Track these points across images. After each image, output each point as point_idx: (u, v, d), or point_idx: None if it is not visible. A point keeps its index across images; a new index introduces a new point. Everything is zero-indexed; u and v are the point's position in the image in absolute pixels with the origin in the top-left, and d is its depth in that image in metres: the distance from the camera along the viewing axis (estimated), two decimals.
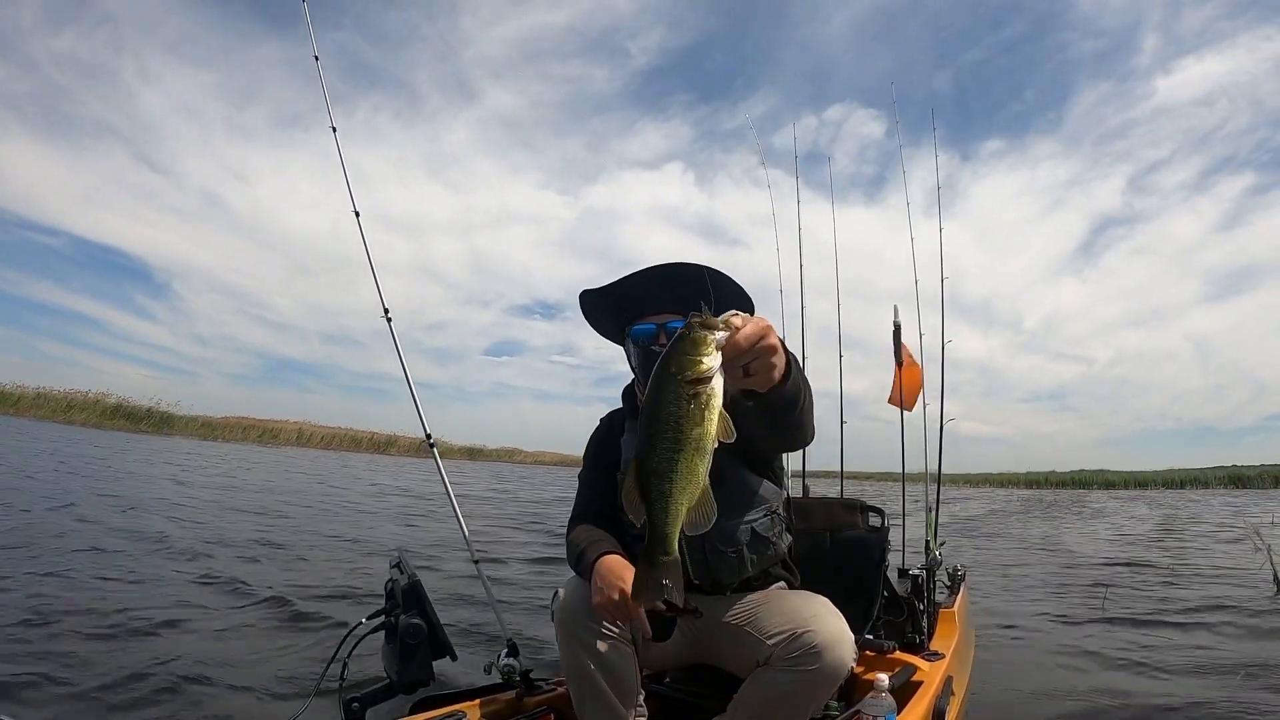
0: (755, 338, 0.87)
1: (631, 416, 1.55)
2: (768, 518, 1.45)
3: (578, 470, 1.63)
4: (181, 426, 29.87)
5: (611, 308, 1.55)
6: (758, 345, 0.88)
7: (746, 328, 0.87)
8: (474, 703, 1.52)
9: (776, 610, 1.34)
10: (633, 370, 1.57)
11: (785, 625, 1.28)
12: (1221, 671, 3.04)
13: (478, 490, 15.80)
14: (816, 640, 1.22)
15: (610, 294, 1.52)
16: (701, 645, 1.46)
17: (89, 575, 4.19)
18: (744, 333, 0.86)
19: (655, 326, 1.47)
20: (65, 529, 5.66)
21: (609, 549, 1.33)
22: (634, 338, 1.51)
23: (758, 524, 1.43)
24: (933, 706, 1.58)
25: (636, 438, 0.87)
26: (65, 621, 3.25)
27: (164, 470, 13.34)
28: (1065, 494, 27.67)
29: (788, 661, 1.24)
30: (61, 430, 20.80)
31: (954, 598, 2.40)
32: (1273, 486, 27.78)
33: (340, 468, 20.82)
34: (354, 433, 37.22)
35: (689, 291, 1.30)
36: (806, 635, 1.23)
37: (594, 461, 1.59)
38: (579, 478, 1.61)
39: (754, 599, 1.41)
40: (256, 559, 5.29)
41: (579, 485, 1.60)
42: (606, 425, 1.62)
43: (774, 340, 0.91)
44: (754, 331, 0.87)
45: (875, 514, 2.06)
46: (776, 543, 1.46)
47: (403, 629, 1.35)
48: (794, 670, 1.24)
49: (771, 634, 1.28)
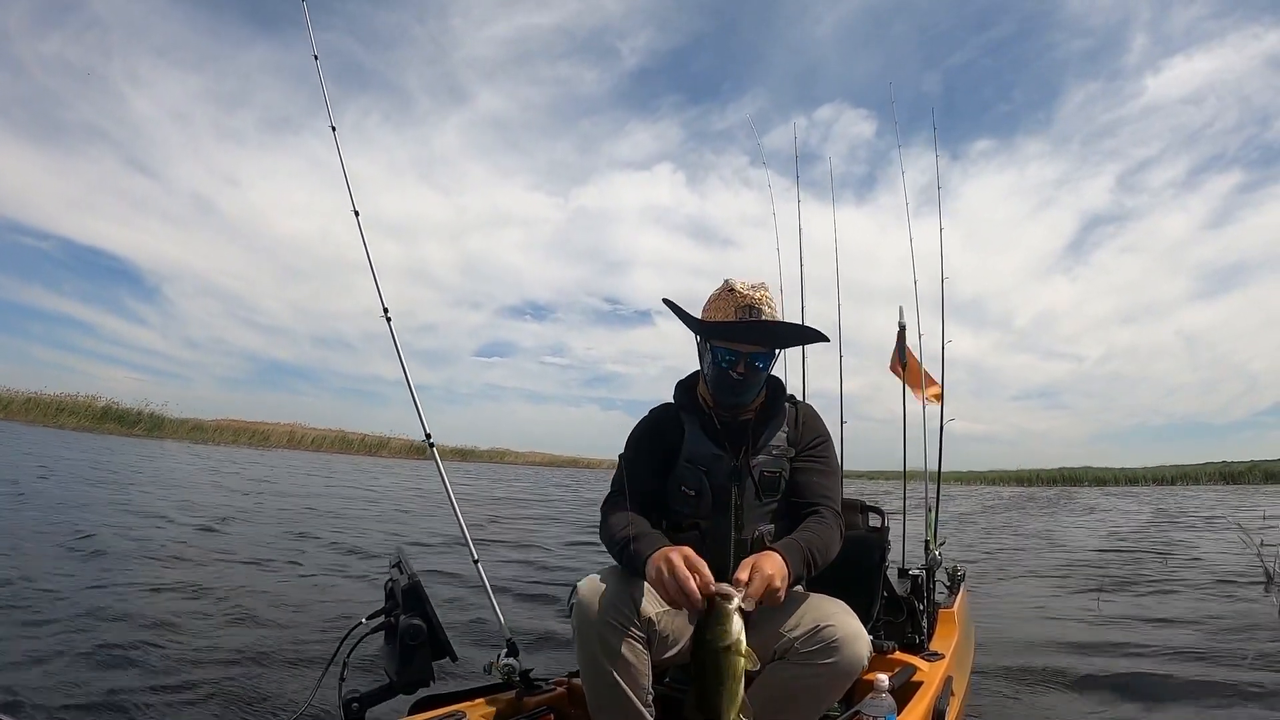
0: (760, 590, 1.15)
1: (688, 410, 1.59)
2: None
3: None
4: (172, 429, 29.68)
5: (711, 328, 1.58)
6: (765, 596, 1.16)
7: (753, 586, 1.15)
8: (474, 703, 1.51)
9: (795, 607, 1.37)
10: (702, 368, 1.61)
11: (805, 620, 1.32)
12: (1220, 664, 3.06)
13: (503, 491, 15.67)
14: (838, 635, 1.27)
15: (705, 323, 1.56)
16: None
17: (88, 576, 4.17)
18: (752, 591, 1.14)
19: (737, 356, 1.50)
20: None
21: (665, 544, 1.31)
22: (715, 353, 1.53)
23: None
24: (932, 707, 1.58)
25: (693, 681, 1.12)
26: (62, 619, 3.23)
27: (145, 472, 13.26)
28: (1056, 491, 27.83)
29: (806, 655, 1.28)
30: (54, 435, 20.57)
31: (954, 598, 2.41)
32: (1263, 482, 27.97)
33: (354, 471, 20.70)
34: (345, 435, 37.11)
35: (774, 338, 1.53)
36: (828, 630, 1.28)
37: (641, 447, 1.60)
38: (621, 459, 1.60)
39: None
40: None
41: (620, 467, 1.59)
42: (659, 416, 1.64)
43: (777, 584, 1.18)
44: (757, 591, 1.15)
45: (875, 514, 2.06)
46: None
47: (403, 629, 1.33)
48: (812, 664, 1.28)
49: (791, 627, 1.32)
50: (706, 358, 1.57)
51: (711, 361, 1.54)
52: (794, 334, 1.65)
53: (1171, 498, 20.26)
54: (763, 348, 1.52)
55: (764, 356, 1.52)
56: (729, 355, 1.50)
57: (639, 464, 1.56)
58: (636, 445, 1.61)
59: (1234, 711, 2.51)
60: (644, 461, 1.56)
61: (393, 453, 36.12)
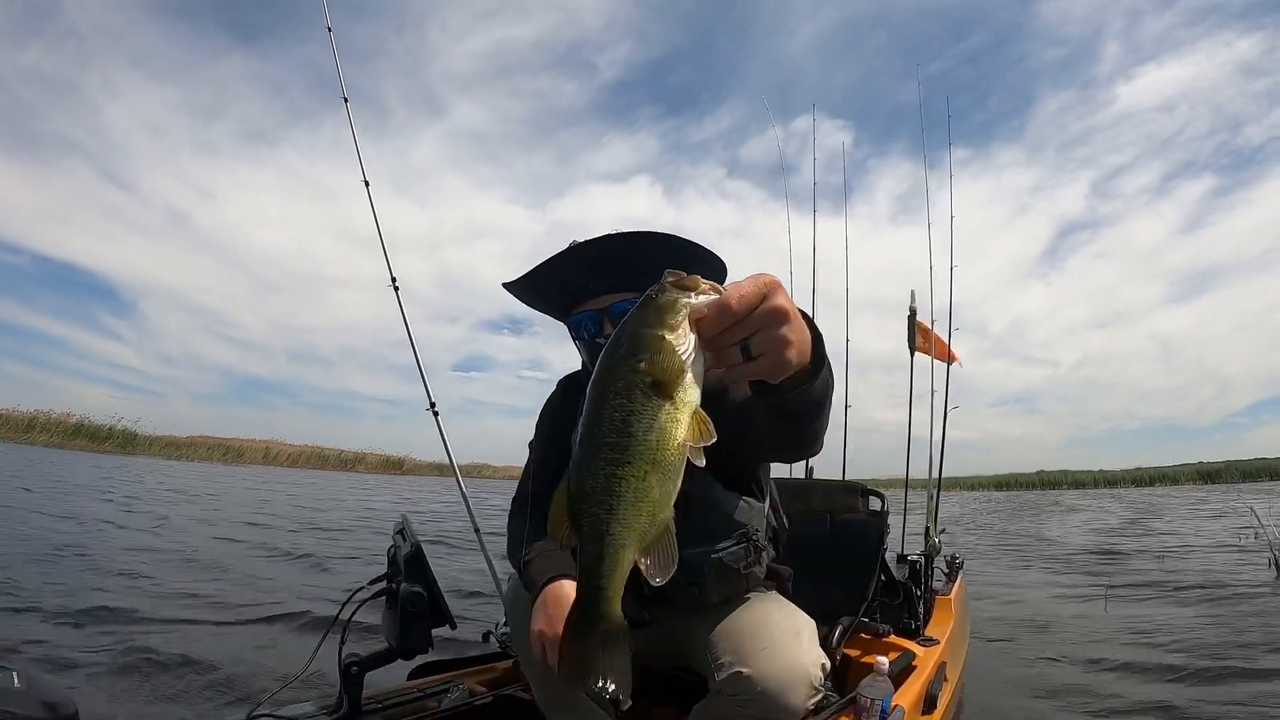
0: (753, 298, 0.60)
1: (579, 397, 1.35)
2: (741, 546, 1.20)
3: None
4: (145, 446, 29.34)
5: (555, 289, 1.29)
6: (759, 310, 0.61)
7: (742, 285, 0.61)
8: (471, 670, 1.51)
9: (735, 629, 1.14)
10: (584, 368, 1.34)
11: (733, 656, 1.08)
12: (1217, 655, 3.10)
13: None
14: (762, 686, 1.04)
15: (540, 279, 1.26)
16: (662, 647, 1.28)
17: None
18: (738, 291, 0.60)
19: (597, 314, 1.23)
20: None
21: (559, 575, 1.12)
22: (574, 328, 1.28)
23: (727, 554, 1.19)
24: (925, 691, 1.59)
25: (574, 446, 0.62)
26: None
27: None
28: (1035, 494, 28.17)
29: (731, 699, 1.07)
30: (22, 451, 20.14)
31: (951, 585, 2.42)
32: (1240, 481, 28.48)
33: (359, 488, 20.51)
34: (321, 450, 36.93)
35: (645, 266, 1.06)
36: (749, 678, 1.05)
37: (547, 436, 1.37)
38: (529, 446, 1.40)
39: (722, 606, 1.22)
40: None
41: (529, 458, 1.38)
42: (562, 391, 1.39)
43: (783, 302, 0.62)
44: (752, 290, 0.61)
45: (876, 498, 2.06)
46: (750, 571, 1.22)
47: (404, 596, 1.32)
48: (738, 710, 1.07)
49: (719, 661, 1.09)
50: (578, 346, 1.29)
51: (577, 343, 1.28)
52: (646, 245, 1.18)
53: (1152, 498, 20.57)
54: (625, 290, 1.21)
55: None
56: (590, 321, 1.24)
57: (548, 457, 1.34)
58: (541, 431, 1.39)
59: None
60: (552, 453, 1.33)
61: (368, 468, 36.14)
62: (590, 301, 1.24)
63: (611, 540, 0.59)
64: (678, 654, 1.26)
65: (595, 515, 0.59)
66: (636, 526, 0.59)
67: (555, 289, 1.27)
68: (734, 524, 1.21)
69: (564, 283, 1.25)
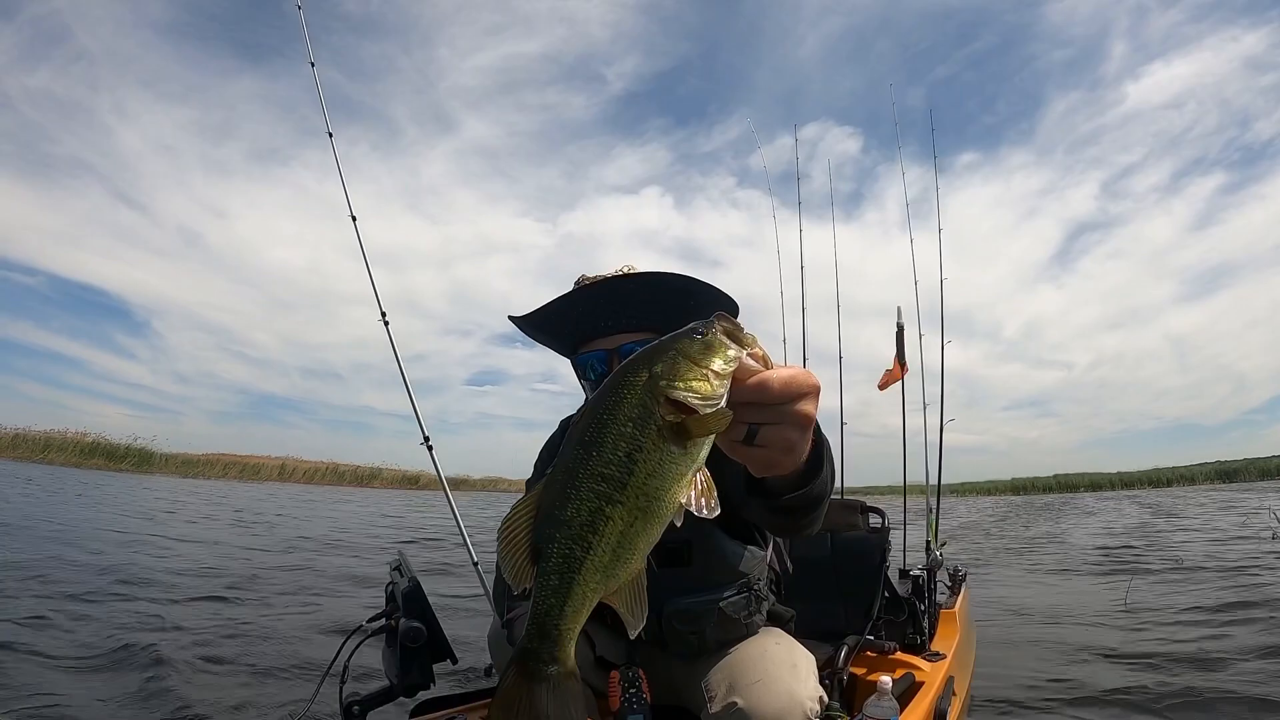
0: (793, 391, 0.55)
1: None
2: (742, 596, 1.19)
3: None
4: (161, 464, 29.36)
5: (565, 326, 1.28)
6: (789, 406, 0.56)
7: (787, 372, 0.56)
8: (475, 705, 1.51)
9: (730, 662, 1.14)
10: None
11: (728, 688, 1.07)
12: (1230, 665, 3.04)
13: None
14: (756, 719, 1.02)
15: (548, 316, 1.25)
16: (652, 683, 1.24)
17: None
18: (782, 376, 0.55)
19: (606, 353, 1.22)
20: None
21: None
22: (580, 367, 1.26)
23: (728, 604, 1.18)
24: (934, 707, 1.58)
25: (559, 457, 0.56)
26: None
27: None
28: (1053, 497, 27.82)
29: None
30: (38, 470, 20.32)
31: (955, 598, 2.40)
32: (1259, 479, 28.01)
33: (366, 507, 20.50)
34: (337, 466, 36.80)
35: (656, 307, 1.10)
36: (742, 710, 1.03)
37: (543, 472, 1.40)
38: (526, 485, 1.39)
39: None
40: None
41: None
42: (562, 431, 1.38)
43: (812, 410, 0.58)
44: (795, 384, 0.55)
45: (876, 515, 2.05)
46: (750, 620, 1.21)
47: (403, 632, 1.32)
48: None
49: (713, 694, 1.09)
50: (584, 386, 1.27)
51: (583, 382, 1.26)
52: (661, 285, 1.17)
53: (1170, 498, 20.26)
54: (634, 329, 1.21)
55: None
56: (598, 360, 1.23)
57: None
58: (540, 470, 1.35)
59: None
60: None
61: (385, 483, 35.93)
62: (600, 340, 1.23)
63: (580, 581, 0.53)
64: (670, 691, 1.25)
65: (569, 550, 0.52)
66: (611, 572, 0.53)
67: (564, 326, 1.27)
68: (736, 574, 1.20)
69: (574, 319, 1.25)
